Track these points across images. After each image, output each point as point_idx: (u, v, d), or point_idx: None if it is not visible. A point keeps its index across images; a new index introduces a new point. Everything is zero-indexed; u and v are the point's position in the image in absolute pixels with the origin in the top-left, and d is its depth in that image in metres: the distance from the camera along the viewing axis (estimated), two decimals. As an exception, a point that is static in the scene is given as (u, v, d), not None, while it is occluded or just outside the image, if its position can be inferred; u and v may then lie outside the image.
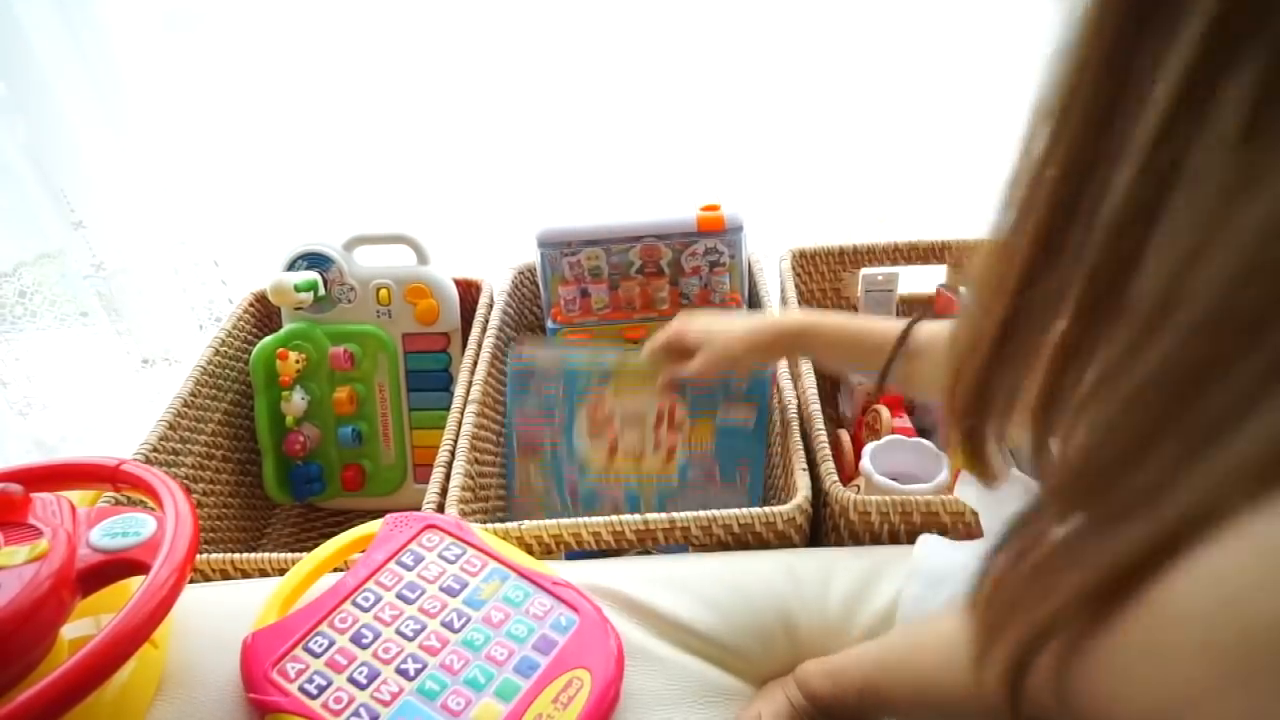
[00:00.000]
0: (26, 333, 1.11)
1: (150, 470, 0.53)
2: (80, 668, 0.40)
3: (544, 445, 0.74)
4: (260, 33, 1.03)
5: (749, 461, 0.73)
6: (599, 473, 0.73)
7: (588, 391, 0.74)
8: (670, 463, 0.73)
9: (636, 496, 0.73)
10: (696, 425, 0.73)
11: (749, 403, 0.73)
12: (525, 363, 0.75)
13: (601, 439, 0.74)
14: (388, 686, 0.47)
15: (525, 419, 0.75)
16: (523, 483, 0.74)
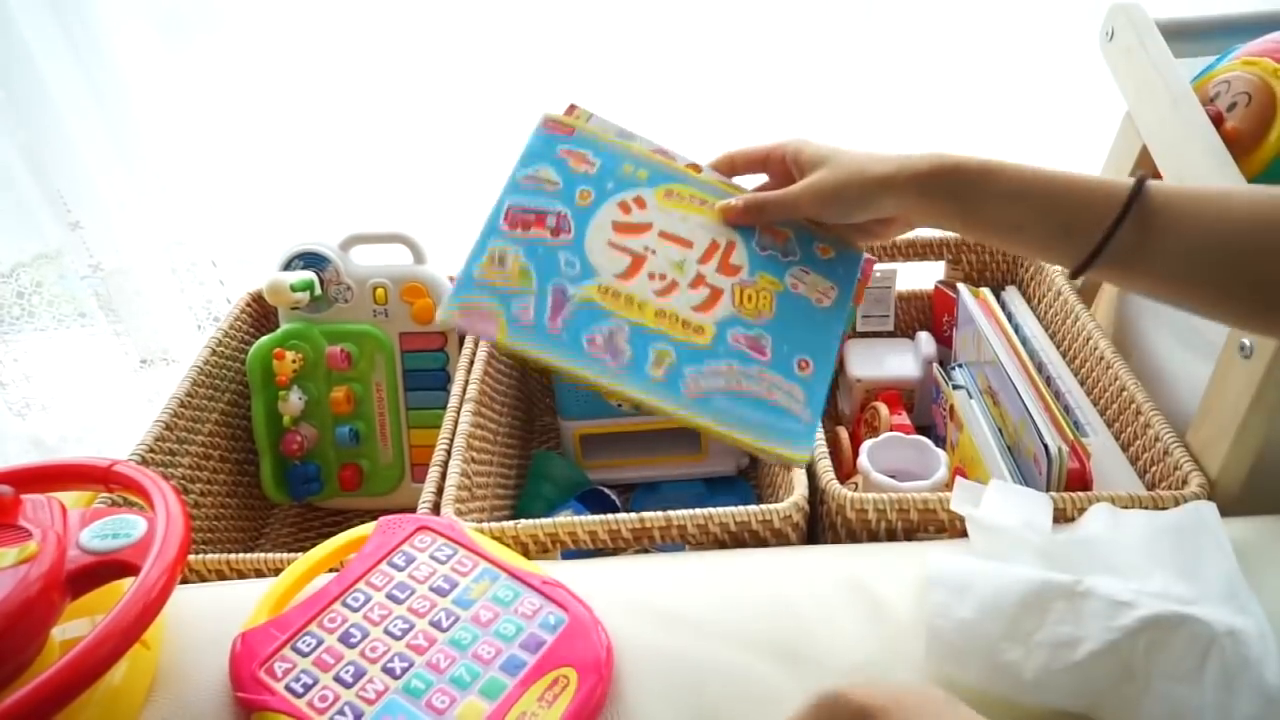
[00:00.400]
0: (24, 333, 1.12)
1: (142, 471, 0.53)
2: (69, 668, 0.40)
3: (540, 229, 0.51)
4: (257, 33, 1.03)
5: (814, 357, 0.50)
6: (603, 295, 0.49)
7: (626, 187, 0.53)
8: (707, 312, 0.49)
9: (646, 342, 0.48)
10: (755, 283, 0.51)
11: (829, 280, 0.52)
12: (557, 127, 0.56)
13: (623, 249, 0.50)
14: (373, 685, 0.47)
15: (529, 186, 0.53)
16: (490, 259, 0.49)
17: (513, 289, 0.48)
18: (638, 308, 0.48)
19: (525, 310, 0.47)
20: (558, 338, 0.47)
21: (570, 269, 0.49)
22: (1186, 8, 0.98)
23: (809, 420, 0.48)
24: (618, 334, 0.47)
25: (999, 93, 1.07)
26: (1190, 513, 0.55)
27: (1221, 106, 0.69)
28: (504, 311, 0.47)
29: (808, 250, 0.53)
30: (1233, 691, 0.43)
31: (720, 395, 0.47)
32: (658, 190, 0.53)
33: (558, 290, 0.48)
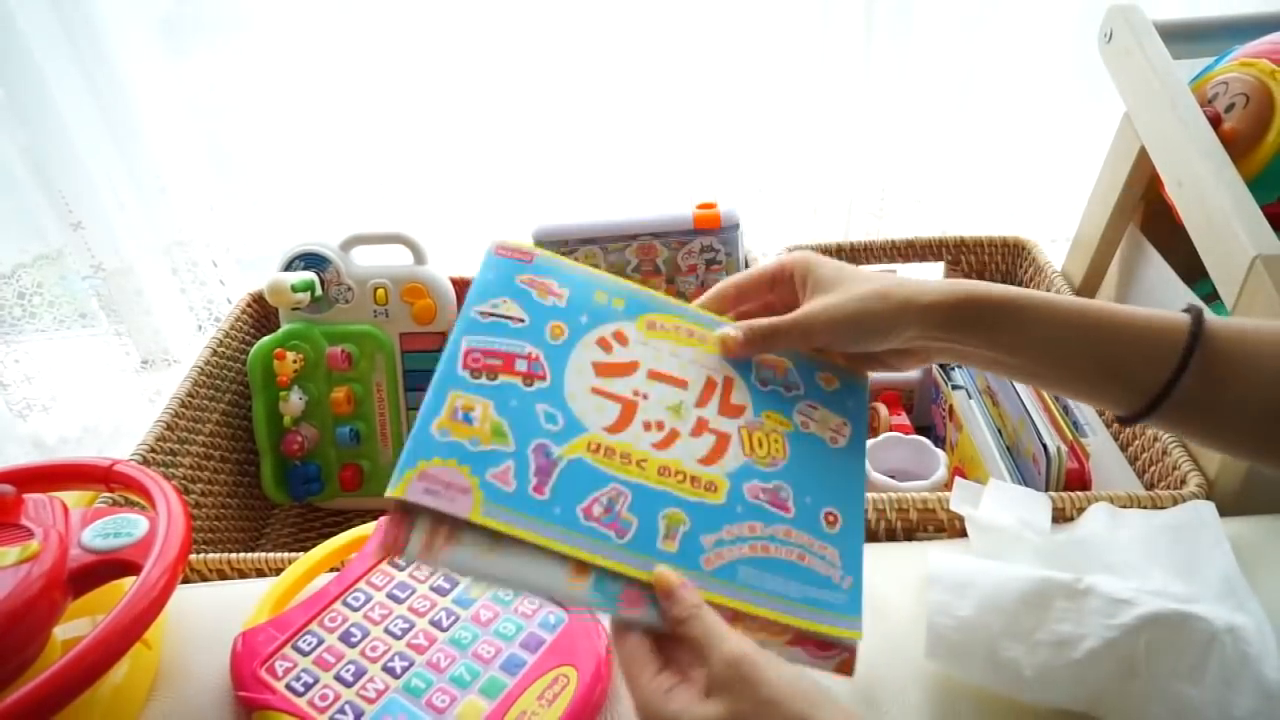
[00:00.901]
0: (26, 334, 1.12)
1: (143, 470, 0.53)
2: (71, 667, 0.40)
3: (509, 374, 0.40)
4: (258, 34, 1.03)
5: (841, 508, 0.42)
6: (594, 453, 0.39)
7: (602, 319, 0.44)
8: (715, 463, 0.41)
9: (652, 506, 0.39)
10: (762, 425, 0.43)
11: (839, 416, 0.45)
12: (513, 253, 0.45)
13: (610, 395, 0.42)
14: (374, 684, 0.47)
15: (489, 322, 0.42)
16: (451, 411, 0.38)
17: (485, 449, 0.37)
18: (637, 465, 0.40)
19: (504, 475, 0.37)
20: (547, 508, 0.37)
21: (551, 423, 0.39)
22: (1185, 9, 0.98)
23: (849, 587, 0.40)
24: (619, 500, 0.38)
25: (999, 93, 1.07)
26: (1189, 511, 0.55)
27: (1219, 107, 0.69)
28: (477, 478, 0.36)
29: (811, 382, 0.46)
30: (1233, 688, 0.43)
31: (746, 564, 0.39)
32: (639, 321, 0.45)
33: (540, 450, 0.38)
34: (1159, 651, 0.45)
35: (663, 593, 0.37)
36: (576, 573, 0.36)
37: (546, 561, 0.36)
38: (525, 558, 0.36)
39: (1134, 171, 0.79)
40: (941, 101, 1.06)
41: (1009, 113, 1.08)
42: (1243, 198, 0.62)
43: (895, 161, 1.10)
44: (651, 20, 1.02)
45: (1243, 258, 0.59)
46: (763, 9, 1.02)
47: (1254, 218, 0.60)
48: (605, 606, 0.37)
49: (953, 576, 0.49)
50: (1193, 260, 0.66)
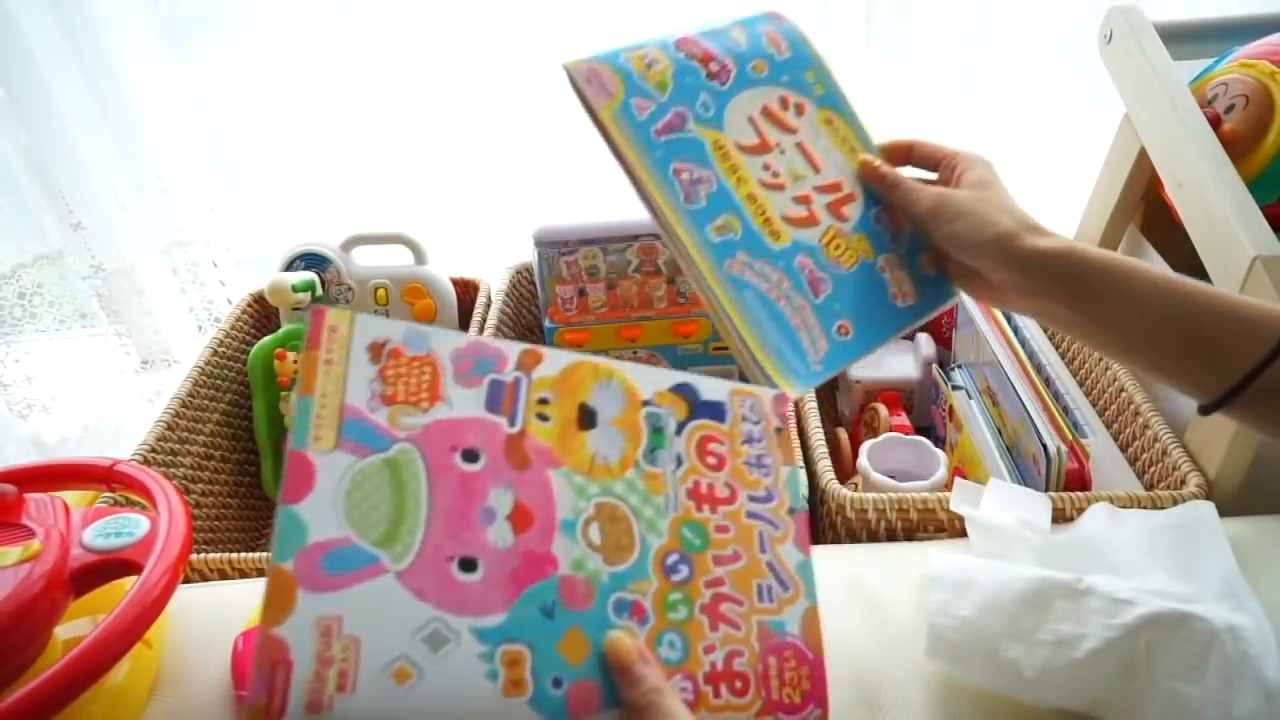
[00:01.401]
0: (26, 334, 1.12)
1: (144, 470, 0.53)
2: (72, 667, 0.40)
3: (703, 64, 0.48)
4: (259, 34, 1.03)
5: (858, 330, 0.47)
6: (716, 147, 0.46)
7: (797, 87, 0.51)
8: (794, 226, 0.47)
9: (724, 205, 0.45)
10: (850, 238, 0.48)
11: (914, 288, 0.49)
12: (778, 15, 0.54)
13: (760, 130, 0.48)
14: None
15: (718, 34, 0.50)
16: (642, 54, 0.47)
17: (645, 84, 0.45)
18: (737, 178, 0.46)
19: (644, 105, 0.45)
20: (653, 144, 0.44)
21: (705, 109, 0.46)
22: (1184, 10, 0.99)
23: (817, 370, 0.45)
24: (704, 182, 0.45)
25: (999, 93, 1.08)
26: (1188, 511, 0.55)
27: (1219, 108, 0.69)
28: (625, 90, 0.44)
29: (914, 252, 0.50)
30: (1233, 688, 0.43)
31: (754, 292, 0.44)
32: (823, 110, 0.51)
33: (680, 113, 0.46)
34: (1159, 651, 0.45)
35: (618, 666, 0.33)
36: (511, 687, 0.31)
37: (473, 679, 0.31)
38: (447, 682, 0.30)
39: (1134, 172, 0.79)
40: (941, 102, 1.06)
41: (1009, 113, 1.08)
42: (1242, 198, 0.62)
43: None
44: (651, 20, 1.02)
45: (1242, 258, 0.59)
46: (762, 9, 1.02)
47: (1254, 218, 0.60)
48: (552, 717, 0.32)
49: (953, 577, 0.50)
50: (1193, 261, 0.66)
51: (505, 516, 0.34)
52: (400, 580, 0.31)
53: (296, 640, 0.28)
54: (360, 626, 0.29)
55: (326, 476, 0.33)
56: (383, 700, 0.28)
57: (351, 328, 0.35)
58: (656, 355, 0.86)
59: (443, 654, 0.30)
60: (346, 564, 0.31)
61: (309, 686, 0.27)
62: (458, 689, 0.30)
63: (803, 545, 0.39)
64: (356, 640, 0.28)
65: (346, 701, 0.28)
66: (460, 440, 0.35)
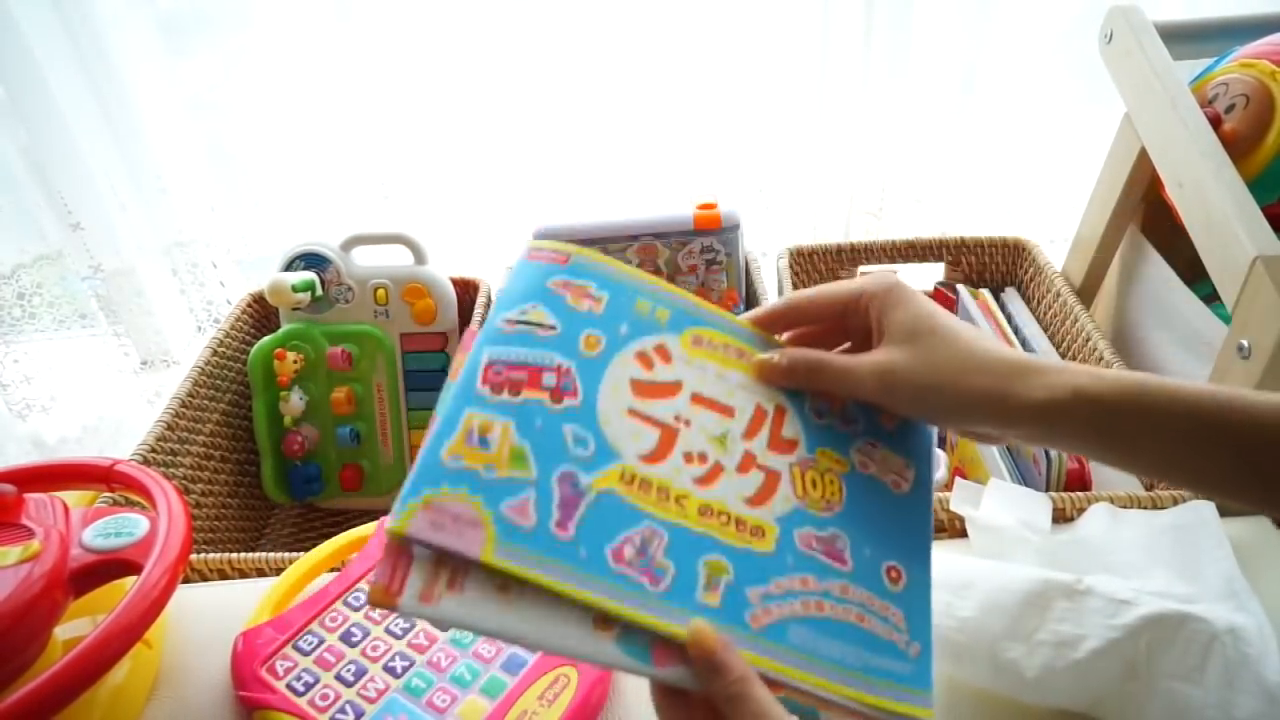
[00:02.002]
0: (25, 334, 1.12)
1: (144, 470, 0.53)
2: (72, 667, 0.40)
3: (535, 390, 0.35)
4: (259, 34, 1.03)
5: (906, 564, 0.37)
6: (627, 486, 0.34)
7: (643, 332, 0.38)
8: (763, 505, 0.36)
9: (692, 552, 0.34)
10: (816, 463, 0.38)
11: (900, 456, 0.40)
12: (546, 255, 0.39)
13: (648, 419, 0.36)
14: (374, 684, 0.47)
15: (515, 333, 0.36)
16: (465, 435, 0.33)
17: (501, 477, 0.32)
18: (676, 503, 0.34)
19: (523, 508, 0.32)
20: (571, 549, 0.32)
21: (581, 448, 0.34)
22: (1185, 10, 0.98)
23: (916, 655, 0.34)
24: (653, 542, 0.33)
25: (999, 94, 1.08)
26: (1189, 512, 0.55)
27: (1220, 108, 0.69)
28: (491, 512, 0.31)
29: (870, 419, 0.40)
30: (1234, 689, 0.43)
31: (798, 625, 0.33)
32: (684, 336, 0.39)
33: (566, 480, 0.33)
34: (1160, 652, 0.45)
35: (700, 657, 0.31)
36: (600, 625, 0.31)
37: (566, 612, 0.31)
38: (541, 608, 0.31)
39: (1134, 172, 0.79)
40: (941, 102, 1.06)
41: (1009, 113, 1.08)
42: (1243, 198, 0.62)
43: (895, 161, 1.11)
44: (652, 21, 1.02)
45: (1243, 258, 0.59)
46: (763, 9, 1.02)
47: (1254, 218, 0.60)
48: (636, 665, 0.31)
49: (953, 577, 0.49)
50: (1193, 261, 0.66)
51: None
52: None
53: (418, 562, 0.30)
54: None
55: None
56: (484, 606, 0.30)
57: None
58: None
59: None
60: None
61: (425, 579, 0.30)
62: (553, 613, 0.31)
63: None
64: None
65: (452, 599, 0.29)
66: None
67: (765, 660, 0.32)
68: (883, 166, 1.11)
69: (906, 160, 1.10)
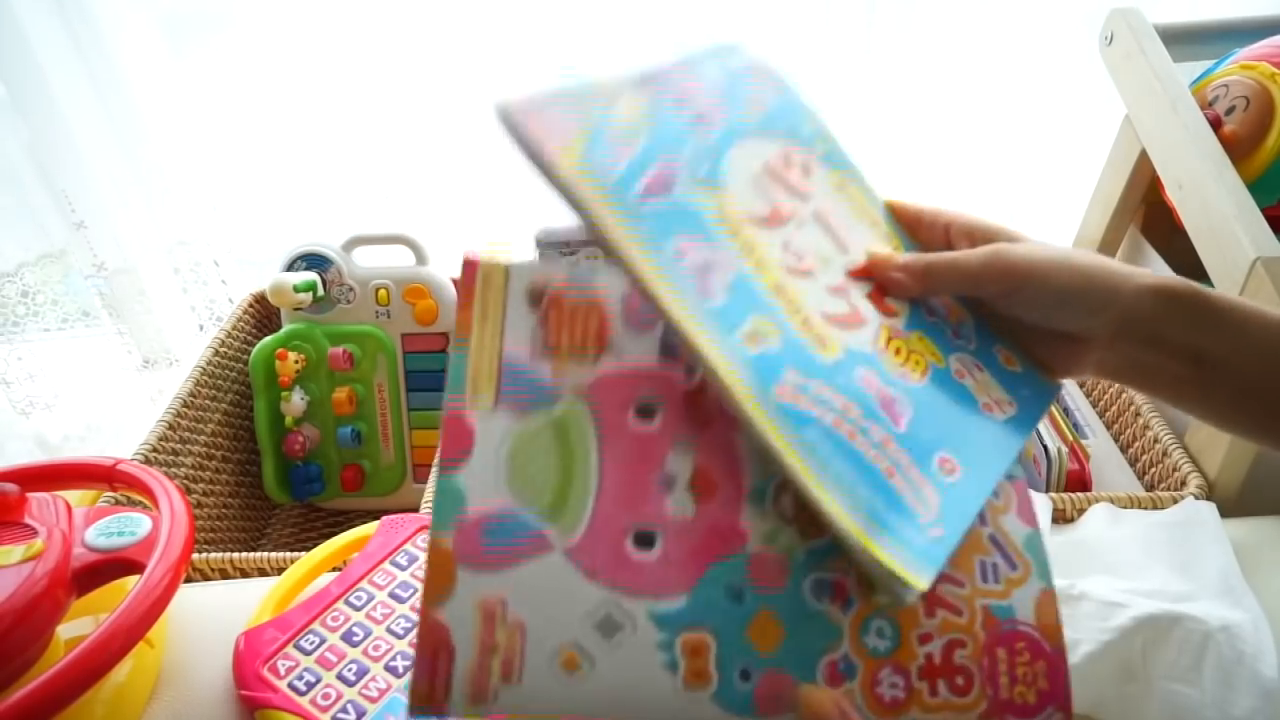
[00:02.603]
0: (28, 333, 1.12)
1: (146, 470, 0.53)
2: (74, 666, 0.40)
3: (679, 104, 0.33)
4: (261, 34, 1.03)
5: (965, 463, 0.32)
6: (720, 216, 0.31)
7: (794, 139, 0.37)
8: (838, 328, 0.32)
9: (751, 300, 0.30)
10: (908, 339, 0.34)
11: (1007, 394, 0.35)
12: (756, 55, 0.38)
13: (765, 194, 0.33)
14: (376, 684, 0.47)
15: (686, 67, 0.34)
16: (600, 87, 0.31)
17: (614, 127, 0.29)
18: (756, 261, 0.31)
19: (618, 155, 0.29)
20: (638, 212, 0.28)
21: (694, 166, 0.31)
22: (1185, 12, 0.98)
23: (938, 536, 0.29)
24: (718, 266, 0.30)
25: (999, 95, 1.08)
26: (1187, 509, 0.55)
27: (1220, 110, 0.69)
28: (588, 133, 0.28)
29: (987, 347, 0.36)
30: (1231, 687, 0.43)
31: (819, 431, 0.29)
32: (832, 174, 0.37)
33: (664, 171, 0.30)
34: (1155, 653, 0.45)
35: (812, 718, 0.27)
36: (693, 678, 0.27)
37: (651, 673, 0.27)
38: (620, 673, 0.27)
39: (1134, 174, 0.79)
40: (942, 102, 1.06)
41: (1009, 114, 1.08)
42: (1243, 200, 0.62)
43: (895, 162, 1.11)
44: (652, 20, 1.03)
45: (1243, 260, 0.59)
46: (763, 9, 1.02)
47: (1254, 220, 0.61)
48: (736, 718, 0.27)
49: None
50: (1193, 262, 0.66)
51: (686, 483, 0.29)
52: (569, 557, 0.28)
53: (457, 625, 0.26)
54: (526, 609, 0.26)
55: (486, 438, 0.29)
56: (551, 691, 0.26)
57: (508, 275, 0.31)
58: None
59: (616, 641, 0.27)
60: (509, 537, 0.28)
61: (472, 675, 0.25)
62: (633, 680, 0.27)
63: (1026, 517, 0.32)
64: (522, 625, 0.26)
65: (512, 691, 0.25)
66: (633, 394, 0.30)
67: (779, 437, 0.28)
68: (883, 166, 1.10)
69: (906, 161, 1.10)
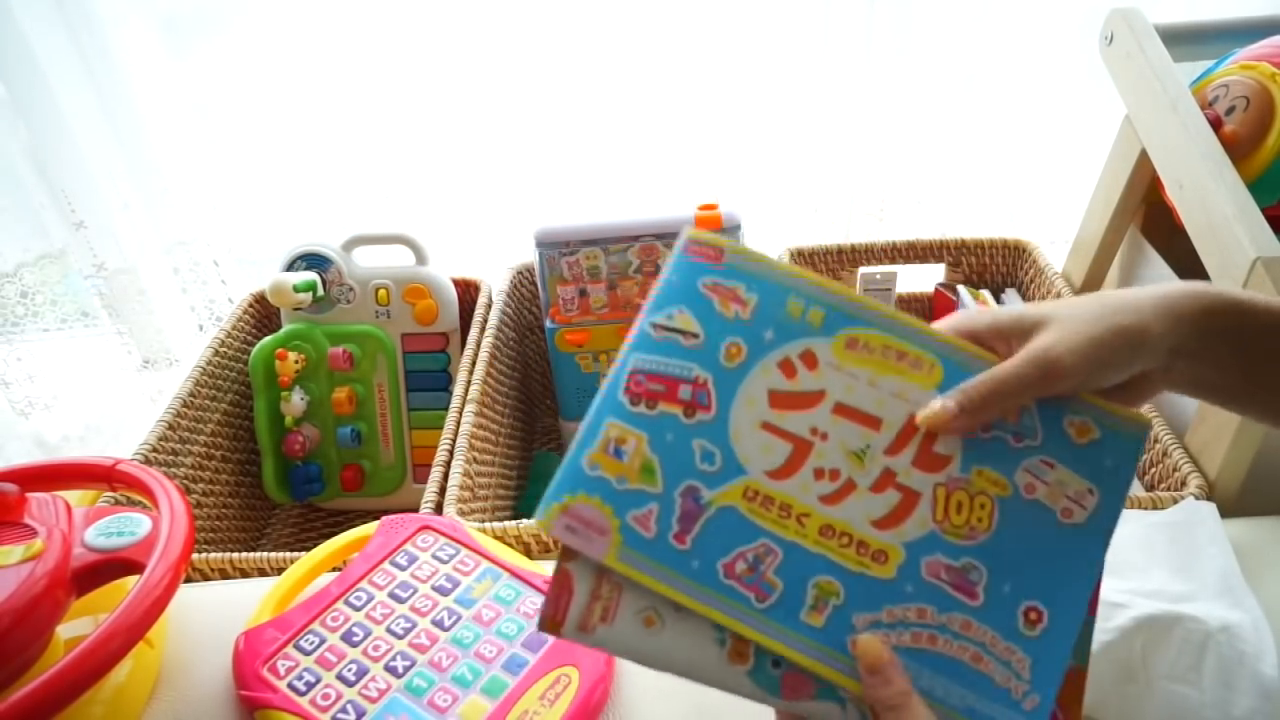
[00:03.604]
0: (28, 333, 1.12)
1: (146, 470, 0.53)
2: (74, 666, 0.40)
3: (670, 404, 0.36)
4: (261, 34, 1.03)
5: (1050, 605, 0.34)
6: (749, 501, 0.35)
7: (791, 337, 0.37)
8: (893, 528, 0.35)
9: (804, 572, 0.34)
10: (968, 484, 0.35)
11: (1084, 480, 0.35)
12: (701, 252, 0.39)
13: (782, 433, 0.36)
14: (375, 684, 0.47)
15: (661, 340, 0.37)
16: (605, 445, 0.35)
17: (631, 489, 0.34)
18: (796, 521, 0.34)
19: (646, 519, 0.34)
20: (684, 560, 0.33)
21: (708, 463, 0.35)
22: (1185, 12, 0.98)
23: (1032, 709, 0.32)
24: (767, 559, 0.34)
25: (999, 95, 1.08)
26: (1187, 509, 0.55)
27: (1220, 110, 0.69)
28: (619, 521, 0.34)
29: (1055, 430, 0.36)
30: (1231, 687, 0.43)
31: (903, 655, 0.33)
32: (836, 341, 0.37)
33: (689, 494, 0.34)
34: (1155, 654, 0.45)
35: (868, 667, 0.31)
36: (734, 657, 0.33)
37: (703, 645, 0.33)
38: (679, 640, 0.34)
39: (1135, 174, 0.79)
40: (942, 103, 1.06)
41: (1010, 114, 1.08)
42: (1243, 200, 0.62)
43: (896, 162, 1.11)
44: (653, 21, 1.03)
45: (1243, 260, 0.59)
46: (764, 10, 1.02)
47: (1255, 220, 0.61)
48: (765, 696, 0.33)
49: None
50: (1193, 262, 0.66)
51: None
52: None
53: (580, 577, 0.34)
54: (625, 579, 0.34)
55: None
56: (631, 638, 0.34)
57: None
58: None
59: (684, 614, 0.34)
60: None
61: (582, 613, 0.34)
62: (690, 645, 0.34)
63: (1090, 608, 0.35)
64: (620, 587, 0.34)
65: (605, 630, 0.33)
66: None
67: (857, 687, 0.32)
68: (883, 166, 1.11)
69: (907, 161, 1.10)
